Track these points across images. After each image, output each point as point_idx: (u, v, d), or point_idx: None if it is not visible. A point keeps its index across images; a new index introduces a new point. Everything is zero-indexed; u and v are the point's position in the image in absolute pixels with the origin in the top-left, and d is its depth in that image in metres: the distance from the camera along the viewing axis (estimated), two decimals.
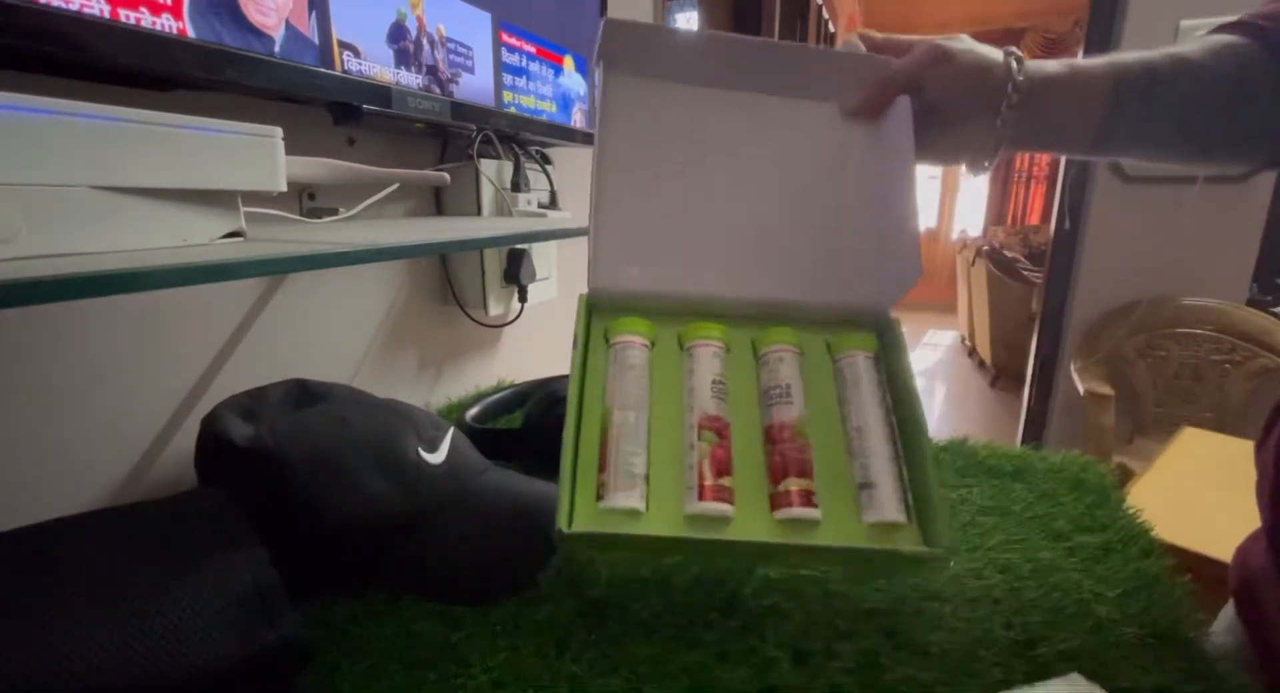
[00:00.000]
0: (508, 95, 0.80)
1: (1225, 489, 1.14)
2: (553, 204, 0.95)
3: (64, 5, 0.38)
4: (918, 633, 0.41)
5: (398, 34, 0.63)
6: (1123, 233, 1.77)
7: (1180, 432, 1.38)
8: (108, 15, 0.40)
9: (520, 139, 0.88)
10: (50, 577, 0.34)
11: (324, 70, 0.55)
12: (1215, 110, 0.40)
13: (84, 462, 0.52)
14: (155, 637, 0.32)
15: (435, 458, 0.50)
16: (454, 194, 0.84)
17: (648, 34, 0.46)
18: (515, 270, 0.88)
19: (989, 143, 0.43)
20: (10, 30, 0.36)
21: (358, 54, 0.59)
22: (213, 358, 0.61)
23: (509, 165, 0.86)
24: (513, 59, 0.81)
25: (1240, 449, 1.29)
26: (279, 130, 0.42)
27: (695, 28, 2.54)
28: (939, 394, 3.68)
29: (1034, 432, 2.03)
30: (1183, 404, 1.72)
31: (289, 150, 0.43)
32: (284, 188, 0.42)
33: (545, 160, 0.97)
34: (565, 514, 0.39)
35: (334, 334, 0.75)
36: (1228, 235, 1.69)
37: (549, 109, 0.90)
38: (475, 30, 0.74)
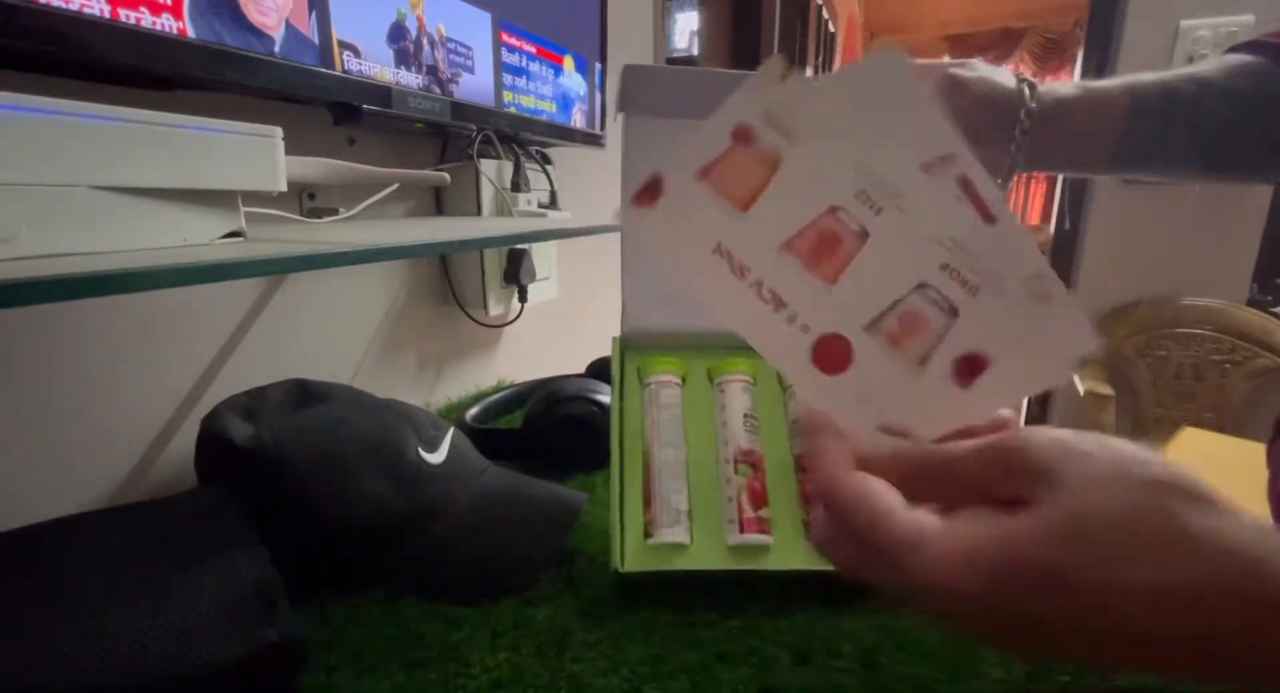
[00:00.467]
0: (508, 95, 0.80)
1: (1225, 490, 1.14)
2: (553, 204, 0.95)
3: (64, 5, 0.38)
4: (918, 633, 0.41)
5: (398, 34, 0.63)
6: (1123, 233, 1.77)
7: (1180, 432, 1.38)
8: (108, 15, 0.40)
9: (520, 139, 0.88)
10: (51, 577, 0.34)
11: (324, 70, 0.55)
12: (1232, 127, 0.40)
13: (84, 462, 0.52)
14: (155, 637, 0.32)
15: (435, 458, 0.50)
16: (454, 194, 0.84)
17: (664, 77, 0.48)
18: (515, 270, 0.88)
19: (1003, 168, 0.42)
20: (10, 30, 0.36)
21: (358, 54, 0.59)
22: (213, 358, 0.61)
23: (509, 165, 0.86)
24: (513, 59, 0.81)
25: (1240, 449, 1.28)
26: (279, 130, 0.42)
27: (695, 28, 2.54)
28: None
29: None
30: (1183, 404, 1.72)
31: (289, 150, 0.43)
32: (284, 188, 0.42)
33: (545, 160, 0.97)
34: (617, 554, 0.43)
35: (334, 334, 0.75)
36: (1228, 235, 1.69)
37: (549, 109, 0.90)
38: (475, 30, 0.74)
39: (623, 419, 0.49)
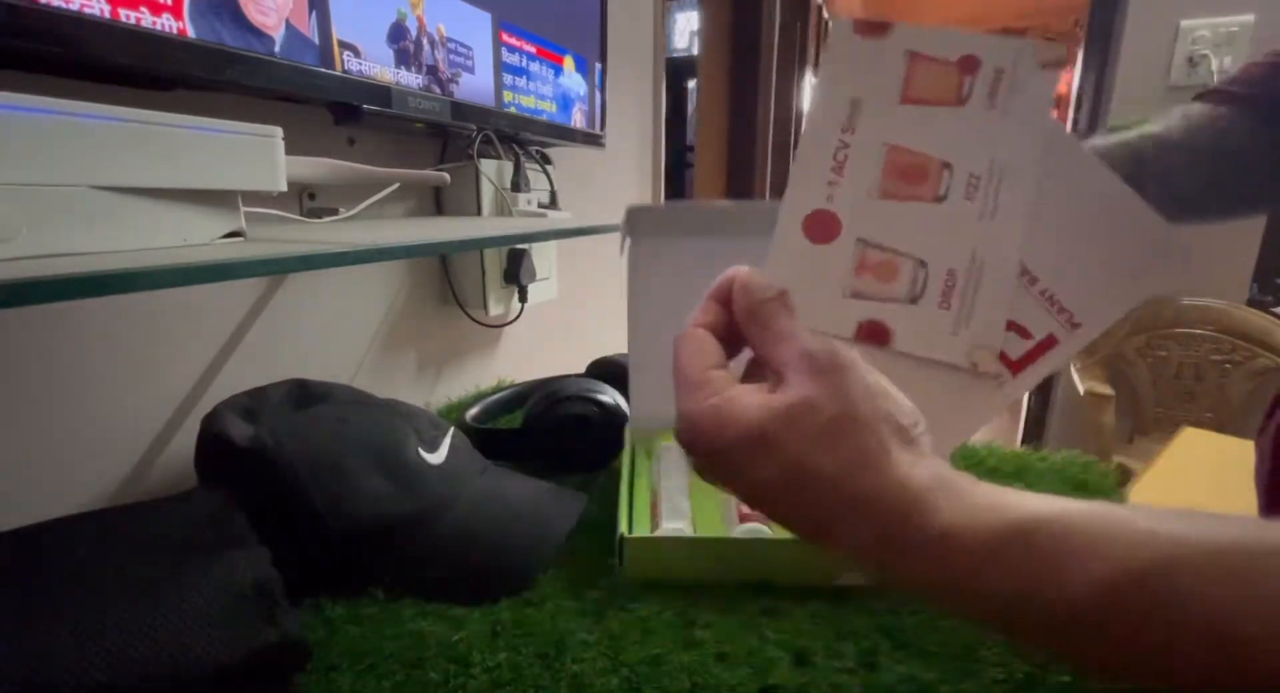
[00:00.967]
0: (508, 95, 0.80)
1: (1225, 489, 1.14)
2: (553, 204, 0.95)
3: (64, 5, 0.38)
4: (918, 633, 0.41)
5: (398, 34, 0.63)
6: None
7: (1180, 432, 1.38)
8: (108, 15, 0.40)
9: (520, 139, 0.88)
10: (50, 577, 0.34)
11: (324, 70, 0.55)
12: (1203, 182, 0.42)
13: (84, 462, 0.52)
14: (155, 636, 0.32)
15: (435, 458, 0.50)
16: (454, 194, 0.84)
17: (665, 210, 0.55)
18: (515, 270, 0.88)
19: None
20: (10, 30, 0.36)
21: (358, 54, 0.59)
22: (213, 358, 0.61)
23: (509, 165, 0.86)
24: (513, 59, 0.81)
25: (1240, 449, 1.28)
26: (279, 130, 0.42)
27: (696, 28, 2.54)
28: None
29: (1034, 432, 2.03)
30: (1183, 404, 1.72)
31: (289, 150, 0.43)
32: (284, 188, 0.42)
33: (545, 160, 0.97)
34: (625, 522, 0.49)
35: (334, 334, 0.75)
36: (1228, 235, 1.69)
37: (549, 109, 0.90)
38: (475, 30, 0.74)
39: (633, 483, 0.56)
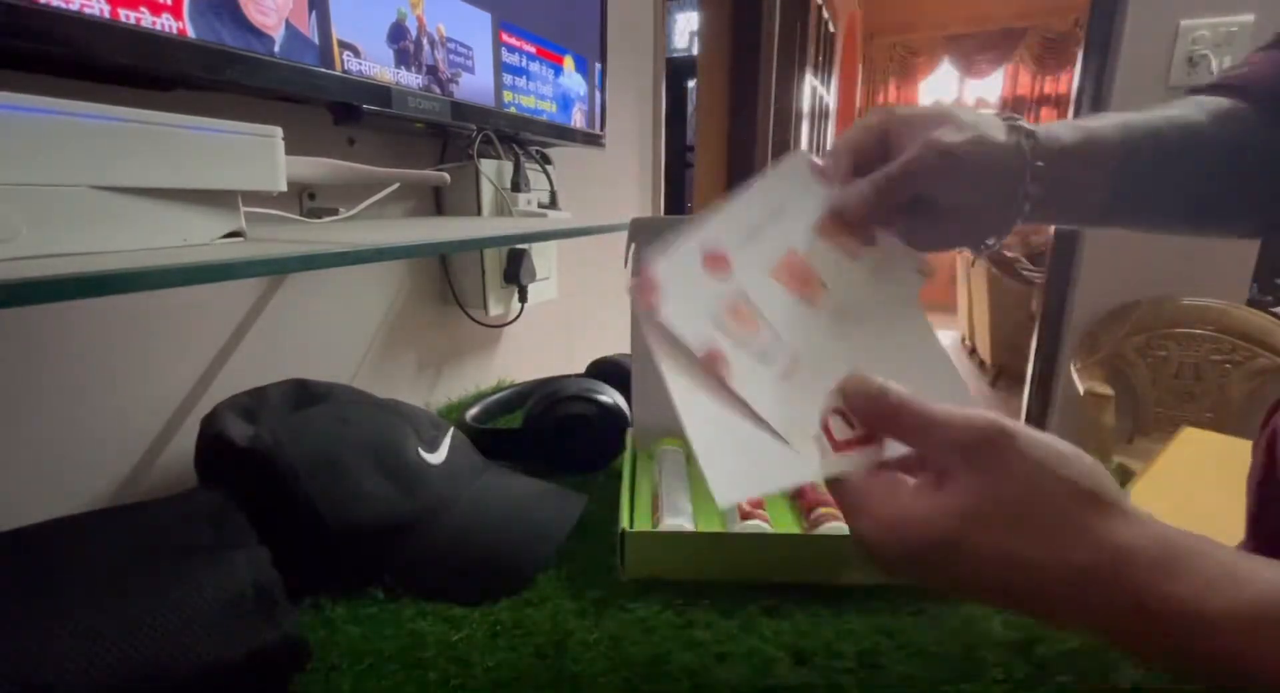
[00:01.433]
0: (508, 95, 0.80)
1: (1225, 489, 1.14)
2: (553, 204, 0.95)
3: (64, 5, 0.38)
4: (918, 633, 0.41)
5: (398, 34, 0.63)
6: (1123, 233, 1.77)
7: (1180, 432, 1.38)
8: (108, 15, 0.40)
9: (520, 139, 0.88)
10: (50, 577, 0.34)
11: (324, 70, 0.55)
12: (1218, 180, 0.39)
13: (84, 462, 0.52)
14: (155, 637, 0.32)
15: (435, 458, 0.50)
16: (454, 194, 0.84)
17: (667, 223, 0.57)
18: (515, 270, 0.88)
19: (1001, 228, 0.39)
20: (10, 30, 0.36)
21: (358, 54, 0.59)
22: (213, 358, 0.61)
23: (509, 165, 0.86)
24: (513, 59, 0.81)
25: (1240, 449, 1.28)
26: (279, 130, 0.42)
27: (696, 28, 2.54)
28: None
29: None
30: (1183, 404, 1.72)
31: (289, 150, 0.43)
32: (284, 188, 0.42)
33: (545, 160, 0.97)
34: (626, 518, 0.49)
35: (334, 334, 0.75)
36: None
37: (549, 109, 0.90)
38: (475, 30, 0.74)
39: (634, 486, 0.56)
